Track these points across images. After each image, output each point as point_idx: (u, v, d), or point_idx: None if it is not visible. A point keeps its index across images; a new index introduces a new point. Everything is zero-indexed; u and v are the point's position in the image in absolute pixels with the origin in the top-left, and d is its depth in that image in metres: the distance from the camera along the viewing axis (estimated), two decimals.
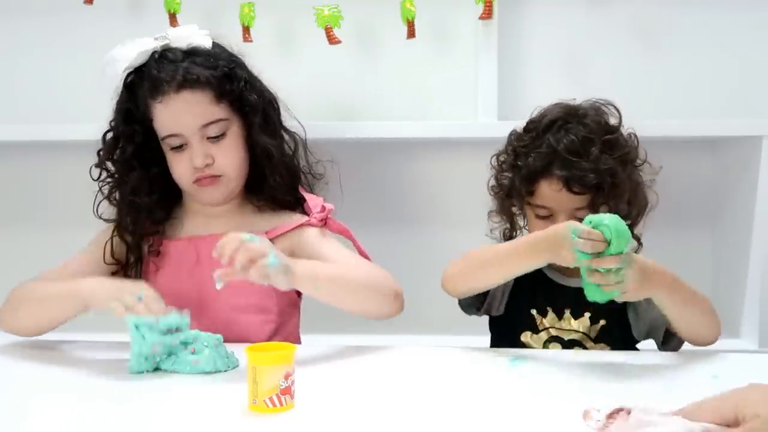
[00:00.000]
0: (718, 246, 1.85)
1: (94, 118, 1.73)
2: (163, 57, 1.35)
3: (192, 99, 1.33)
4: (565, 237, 1.12)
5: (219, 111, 1.35)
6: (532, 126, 1.39)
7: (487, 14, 1.74)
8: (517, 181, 1.36)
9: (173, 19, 1.77)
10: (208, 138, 1.34)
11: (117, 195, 1.41)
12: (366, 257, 1.40)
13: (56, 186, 1.95)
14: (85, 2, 1.80)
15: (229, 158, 1.36)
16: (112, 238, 1.41)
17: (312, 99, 1.51)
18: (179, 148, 1.35)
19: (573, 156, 1.30)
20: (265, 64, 1.48)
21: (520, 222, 1.45)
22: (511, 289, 1.37)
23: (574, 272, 1.36)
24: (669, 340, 1.32)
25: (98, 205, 1.43)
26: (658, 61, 1.85)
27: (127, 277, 1.40)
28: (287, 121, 1.48)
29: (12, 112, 1.91)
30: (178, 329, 1.15)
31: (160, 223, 1.42)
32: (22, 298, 1.32)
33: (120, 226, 1.41)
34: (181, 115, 1.33)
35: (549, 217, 1.33)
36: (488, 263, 1.27)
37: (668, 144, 1.85)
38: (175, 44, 1.36)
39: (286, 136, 1.46)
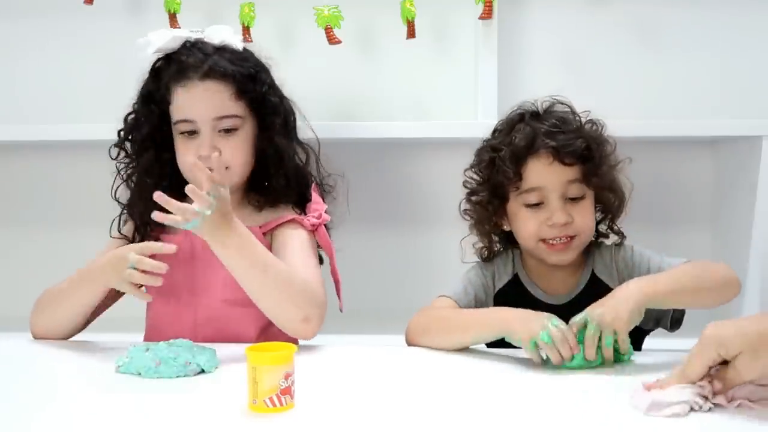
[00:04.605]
0: (718, 246, 1.85)
1: (95, 117, 1.73)
2: (194, 46, 1.40)
3: (213, 89, 1.37)
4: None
5: (235, 107, 1.38)
6: (501, 125, 1.40)
7: (487, 14, 1.74)
8: (502, 169, 1.32)
9: (173, 19, 1.77)
10: (219, 131, 1.37)
11: (133, 176, 1.44)
12: (336, 280, 1.41)
13: (57, 186, 1.95)
14: (85, 2, 1.80)
15: (236, 154, 1.38)
16: (120, 215, 1.43)
17: (312, 99, 1.51)
18: (190, 134, 1.38)
19: (555, 129, 1.31)
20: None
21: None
22: None
23: (559, 289, 1.36)
24: (676, 317, 1.31)
25: (117, 188, 1.44)
26: (658, 61, 1.85)
27: None
28: (301, 131, 1.50)
29: (12, 112, 1.91)
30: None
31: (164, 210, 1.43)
32: (46, 299, 1.35)
33: (130, 206, 1.43)
34: (199, 102, 1.37)
35: (539, 205, 1.31)
36: (453, 330, 1.25)
37: (668, 144, 1.85)
38: (208, 39, 1.41)
39: (299, 148, 1.48)
